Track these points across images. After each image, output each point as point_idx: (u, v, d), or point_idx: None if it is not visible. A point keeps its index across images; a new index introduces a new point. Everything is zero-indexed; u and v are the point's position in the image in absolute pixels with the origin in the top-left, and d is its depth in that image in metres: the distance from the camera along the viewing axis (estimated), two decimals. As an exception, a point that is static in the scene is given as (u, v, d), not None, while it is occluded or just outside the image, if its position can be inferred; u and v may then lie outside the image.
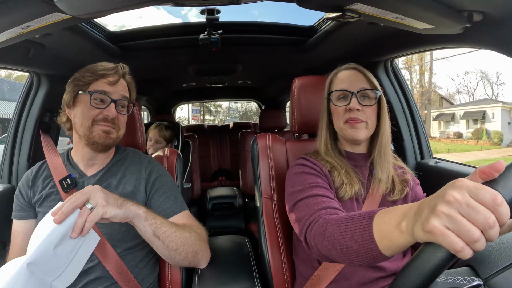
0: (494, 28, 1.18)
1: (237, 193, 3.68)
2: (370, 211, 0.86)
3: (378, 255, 0.81)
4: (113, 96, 1.35)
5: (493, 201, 0.55)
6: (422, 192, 1.42)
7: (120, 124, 1.39)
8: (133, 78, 1.49)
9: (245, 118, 34.70)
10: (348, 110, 1.32)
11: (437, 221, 0.59)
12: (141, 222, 1.15)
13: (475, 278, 0.72)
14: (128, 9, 1.13)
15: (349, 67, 1.41)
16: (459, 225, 0.56)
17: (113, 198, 1.10)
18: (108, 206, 1.05)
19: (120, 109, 1.38)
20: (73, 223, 1.00)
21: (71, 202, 1.01)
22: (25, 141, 2.02)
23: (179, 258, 1.27)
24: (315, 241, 1.03)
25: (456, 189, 0.59)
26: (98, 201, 1.04)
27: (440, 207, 0.59)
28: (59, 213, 0.98)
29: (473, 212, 0.56)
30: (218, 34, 2.06)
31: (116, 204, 1.09)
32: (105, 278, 1.28)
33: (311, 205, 1.15)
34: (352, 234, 0.88)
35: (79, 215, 1.01)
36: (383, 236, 0.79)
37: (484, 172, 0.60)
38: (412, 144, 2.14)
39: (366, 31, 1.69)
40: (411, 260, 0.65)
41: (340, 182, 1.29)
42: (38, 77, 2.03)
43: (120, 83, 1.39)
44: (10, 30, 1.18)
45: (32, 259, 0.93)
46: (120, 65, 1.42)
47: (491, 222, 0.55)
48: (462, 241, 0.56)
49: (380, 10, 1.16)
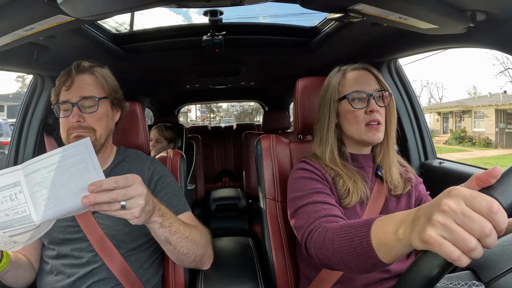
0: (497, 28, 1.18)
1: (241, 194, 3.68)
2: (368, 219, 0.86)
3: (377, 263, 0.81)
4: (72, 100, 1.30)
5: (489, 209, 0.55)
6: (426, 190, 1.42)
7: (93, 125, 1.31)
8: (109, 69, 1.44)
9: (242, 117, 37.53)
10: (369, 113, 1.29)
11: (433, 230, 0.59)
12: (156, 229, 1.10)
13: (476, 282, 0.71)
14: (131, 11, 1.14)
15: (357, 67, 1.37)
16: (454, 234, 0.56)
17: (146, 213, 0.97)
18: (136, 219, 0.95)
19: (86, 109, 1.31)
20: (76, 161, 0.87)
21: (111, 197, 0.87)
22: (29, 142, 2.03)
23: (187, 261, 1.27)
24: (315, 250, 1.03)
25: (451, 198, 0.58)
26: (133, 210, 0.92)
27: (436, 217, 0.59)
28: (91, 199, 0.85)
29: (469, 221, 0.55)
30: (221, 36, 2.05)
31: (144, 218, 0.97)
32: (109, 280, 1.28)
33: (311, 213, 1.15)
34: (350, 242, 0.88)
35: (108, 206, 0.88)
36: (381, 244, 0.78)
37: (481, 179, 0.60)
38: (416, 145, 2.13)
39: (369, 31, 1.69)
40: (409, 267, 0.65)
41: (346, 190, 1.27)
42: (42, 79, 2.04)
43: (77, 82, 1.32)
44: (14, 32, 1.18)
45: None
46: (74, 64, 1.35)
47: (487, 231, 0.54)
48: (458, 250, 0.56)
49: (383, 11, 1.16)
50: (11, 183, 0.85)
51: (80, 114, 1.29)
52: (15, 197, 0.86)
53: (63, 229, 1.30)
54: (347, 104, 1.32)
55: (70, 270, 1.27)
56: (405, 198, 1.35)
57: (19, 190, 0.86)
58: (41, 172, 0.86)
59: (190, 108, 32.74)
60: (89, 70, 1.36)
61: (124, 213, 0.92)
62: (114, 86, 1.42)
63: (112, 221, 1.31)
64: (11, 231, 0.89)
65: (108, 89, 1.39)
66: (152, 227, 1.09)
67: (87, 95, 1.32)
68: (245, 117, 38.08)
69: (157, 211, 1.06)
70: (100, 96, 1.35)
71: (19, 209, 0.87)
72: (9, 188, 0.85)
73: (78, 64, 1.35)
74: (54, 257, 1.30)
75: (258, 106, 5.77)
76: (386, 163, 1.34)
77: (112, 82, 1.41)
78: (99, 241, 1.28)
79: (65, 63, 1.36)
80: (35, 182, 0.86)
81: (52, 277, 1.28)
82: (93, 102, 1.32)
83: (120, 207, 0.90)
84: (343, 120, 1.35)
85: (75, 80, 1.32)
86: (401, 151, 2.12)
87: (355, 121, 1.31)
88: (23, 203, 0.86)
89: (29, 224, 0.88)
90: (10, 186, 0.85)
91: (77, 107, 1.29)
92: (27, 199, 0.86)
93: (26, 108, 2.06)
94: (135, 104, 1.62)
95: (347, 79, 1.35)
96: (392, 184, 1.32)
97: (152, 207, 1.01)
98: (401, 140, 2.13)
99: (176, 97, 4.54)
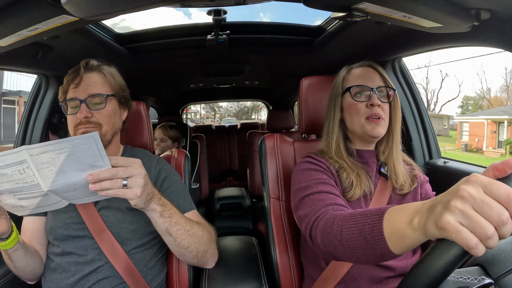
0: (502, 26, 1.17)
1: (245, 194, 3.68)
2: (381, 208, 0.85)
3: (386, 253, 0.80)
4: (80, 97, 1.31)
5: (508, 196, 0.55)
6: (432, 190, 1.41)
7: (101, 120, 1.33)
8: (115, 68, 1.45)
9: (240, 114, 42.99)
10: (370, 106, 1.30)
11: (451, 217, 0.58)
12: (156, 218, 1.14)
13: (486, 277, 0.71)
14: (135, 11, 1.14)
15: (363, 65, 1.39)
16: (473, 221, 0.56)
17: (146, 194, 1.04)
18: (137, 198, 1.01)
19: (94, 106, 1.33)
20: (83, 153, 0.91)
21: (112, 173, 0.95)
22: (34, 142, 2.04)
23: (189, 256, 1.27)
24: (321, 237, 1.02)
25: (470, 184, 0.58)
26: (134, 188, 0.99)
27: (454, 203, 0.58)
28: (95, 176, 0.93)
29: (487, 208, 0.55)
30: (225, 35, 2.06)
31: (144, 199, 1.04)
32: (114, 278, 1.28)
33: (317, 201, 1.14)
34: (360, 230, 0.87)
35: (111, 183, 0.95)
36: (393, 233, 0.78)
37: (498, 169, 0.60)
38: (420, 144, 2.12)
39: (373, 30, 1.68)
40: (422, 258, 0.65)
41: (349, 183, 1.27)
42: (46, 78, 2.05)
43: (86, 80, 1.33)
44: (18, 32, 1.19)
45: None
46: (83, 62, 1.36)
47: (504, 218, 0.54)
48: (476, 238, 0.56)
49: (387, 9, 1.15)
50: (18, 161, 0.90)
51: (88, 110, 1.30)
52: (24, 171, 0.92)
53: (68, 225, 1.31)
54: (349, 98, 1.34)
55: (75, 268, 1.28)
56: (411, 195, 1.35)
57: (26, 166, 0.91)
58: (49, 154, 0.90)
59: (198, 109, 38.05)
60: (97, 69, 1.37)
61: (126, 191, 0.99)
62: (121, 85, 1.43)
63: (117, 219, 1.32)
64: (21, 194, 0.98)
65: (116, 87, 1.40)
66: (152, 215, 1.14)
67: (95, 92, 1.33)
68: (242, 115, 43.19)
69: (156, 199, 1.12)
70: (108, 93, 1.36)
71: (28, 179, 0.93)
72: (16, 164, 0.91)
73: (87, 63, 1.36)
74: (59, 254, 1.31)
75: (254, 105, 5.82)
76: (391, 161, 1.34)
77: (119, 81, 1.43)
78: (104, 239, 1.29)
79: (69, 63, 1.37)
80: (42, 161, 0.91)
81: (57, 274, 1.29)
82: (101, 99, 1.34)
83: (122, 185, 0.97)
84: (346, 114, 1.37)
85: (84, 78, 1.33)
86: (405, 150, 2.12)
87: (356, 114, 1.32)
88: (31, 175, 0.93)
89: (38, 190, 0.96)
90: (17, 163, 0.91)
91: (85, 104, 1.30)
92: (34, 172, 0.92)
93: (31, 107, 2.07)
94: (140, 103, 1.62)
95: (352, 75, 1.38)
96: (398, 182, 1.32)
97: (151, 190, 1.08)
98: (406, 139, 2.12)
99: (180, 96, 4.55)
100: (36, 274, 1.34)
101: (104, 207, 1.33)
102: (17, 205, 1.02)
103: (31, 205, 1.02)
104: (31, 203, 1.01)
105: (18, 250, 1.20)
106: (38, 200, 1.00)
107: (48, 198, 1.00)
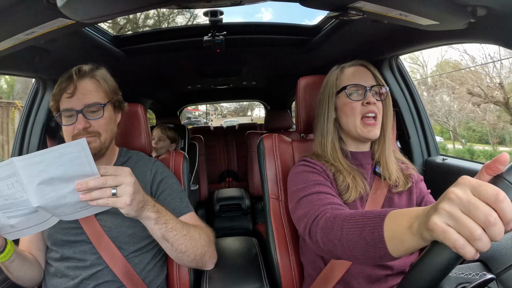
0: (498, 23, 1.17)
1: (244, 194, 3.68)
2: (382, 210, 0.85)
3: (385, 255, 0.80)
4: (77, 108, 1.27)
5: (495, 197, 0.54)
6: (427, 188, 1.42)
7: (99, 129, 1.31)
8: (107, 70, 1.42)
9: (237, 111, 45.37)
10: (365, 105, 1.30)
11: (438, 218, 0.59)
12: (151, 225, 1.13)
13: (487, 273, 0.72)
14: (131, 13, 1.14)
15: (355, 64, 1.39)
16: (459, 222, 0.56)
17: (137, 202, 1.03)
18: (127, 207, 1.00)
19: (91, 115, 1.30)
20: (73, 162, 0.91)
21: (101, 182, 0.95)
22: (32, 146, 2.03)
23: (187, 260, 1.27)
24: (320, 235, 1.02)
25: (458, 186, 0.59)
26: (124, 197, 0.98)
27: (442, 205, 0.59)
28: (84, 185, 0.92)
29: (473, 209, 0.55)
30: (222, 36, 2.05)
31: (136, 208, 1.03)
32: (113, 282, 1.29)
33: (315, 201, 1.14)
34: (361, 231, 0.87)
35: (100, 192, 0.95)
36: (393, 237, 0.78)
37: (490, 167, 0.60)
38: (418, 142, 2.12)
39: (370, 28, 1.68)
40: (419, 260, 0.65)
41: (346, 186, 1.28)
42: (44, 82, 2.05)
43: (80, 89, 1.29)
44: (15, 36, 1.18)
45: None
46: (75, 69, 1.32)
47: (491, 220, 0.54)
48: (463, 238, 0.56)
49: (383, 8, 1.15)
50: (7, 174, 0.89)
51: (86, 121, 1.28)
52: (12, 186, 0.91)
53: (66, 231, 1.31)
54: (345, 97, 1.34)
55: (74, 273, 1.28)
56: (406, 194, 1.35)
57: (15, 180, 0.89)
58: (38, 166, 0.89)
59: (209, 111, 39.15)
60: (90, 74, 1.34)
61: (115, 200, 0.98)
62: (114, 88, 1.41)
63: (115, 223, 1.32)
64: (10, 212, 0.95)
65: (110, 92, 1.37)
66: (147, 223, 1.13)
67: (92, 102, 1.30)
68: (239, 112, 45.60)
69: (150, 206, 1.11)
70: (104, 101, 1.33)
71: (17, 195, 0.92)
72: (5, 178, 0.89)
73: (79, 69, 1.33)
74: (58, 260, 1.31)
75: (250, 104, 5.86)
76: (383, 159, 1.35)
77: (112, 84, 1.40)
78: (102, 243, 1.29)
79: (66, 66, 1.36)
80: (31, 174, 0.89)
81: (57, 279, 1.29)
82: (97, 108, 1.31)
83: (111, 194, 0.96)
84: (341, 114, 1.36)
85: (78, 87, 1.29)
86: (404, 148, 2.12)
87: (352, 113, 1.32)
88: (20, 190, 0.91)
89: (27, 206, 0.93)
90: (6, 177, 0.89)
91: (82, 114, 1.27)
92: (23, 187, 0.90)
93: (28, 111, 2.07)
94: (137, 105, 1.62)
95: (345, 74, 1.38)
96: (391, 180, 1.32)
97: (144, 199, 1.07)
98: (404, 137, 2.13)
99: (177, 98, 4.55)
100: (35, 281, 1.34)
101: (102, 211, 1.33)
102: (6, 224, 0.99)
103: (20, 223, 1.00)
104: (20, 221, 0.99)
105: (14, 262, 1.20)
106: (27, 218, 0.98)
107: (37, 215, 0.99)
